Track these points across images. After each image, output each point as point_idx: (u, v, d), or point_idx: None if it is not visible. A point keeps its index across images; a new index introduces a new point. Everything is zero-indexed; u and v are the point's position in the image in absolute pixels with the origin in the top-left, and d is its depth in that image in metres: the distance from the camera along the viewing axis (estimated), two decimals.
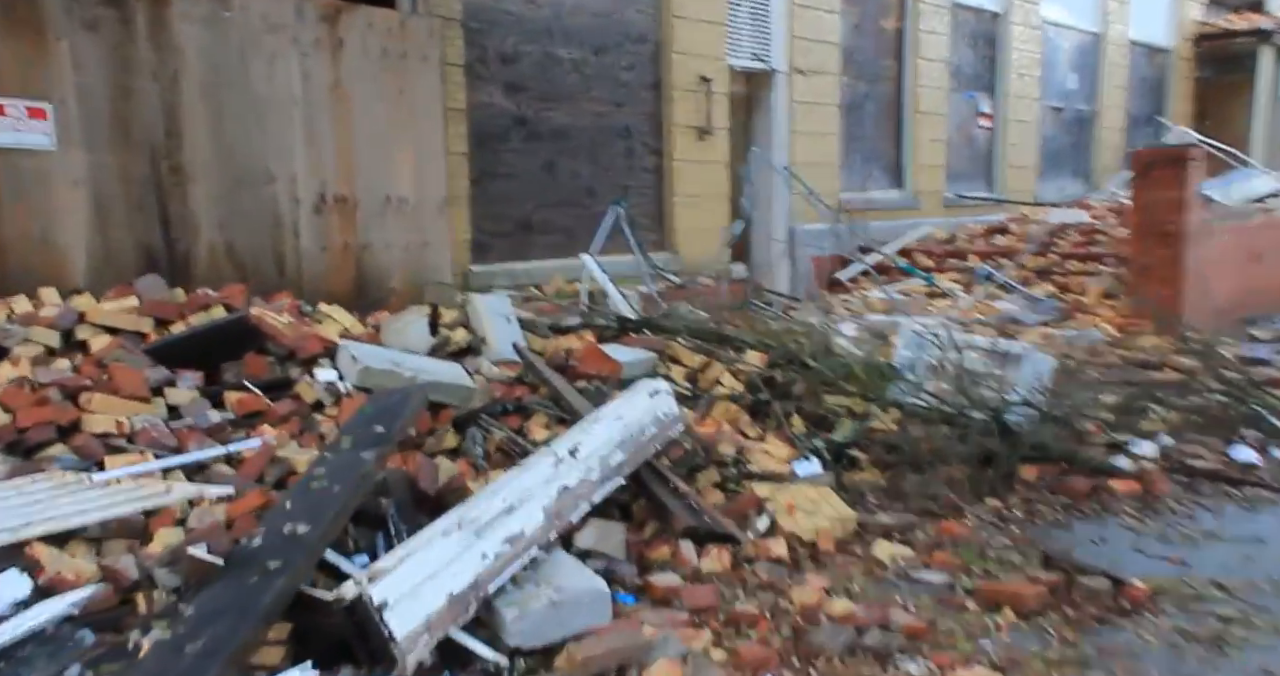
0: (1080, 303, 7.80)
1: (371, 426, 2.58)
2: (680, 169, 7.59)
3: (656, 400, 3.25)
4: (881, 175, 10.21)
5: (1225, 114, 15.85)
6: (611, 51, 7.02)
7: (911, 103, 10.26)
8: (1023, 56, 11.72)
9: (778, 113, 8.70)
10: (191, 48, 3.85)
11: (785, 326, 5.49)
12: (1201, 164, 7.20)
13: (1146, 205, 7.20)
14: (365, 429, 2.58)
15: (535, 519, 2.45)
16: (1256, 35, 14.77)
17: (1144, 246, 7.25)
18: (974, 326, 7.31)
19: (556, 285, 6.25)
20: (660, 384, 3.34)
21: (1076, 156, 13.20)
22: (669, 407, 3.27)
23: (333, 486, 2.33)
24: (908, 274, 8.51)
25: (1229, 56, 15.35)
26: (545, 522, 2.48)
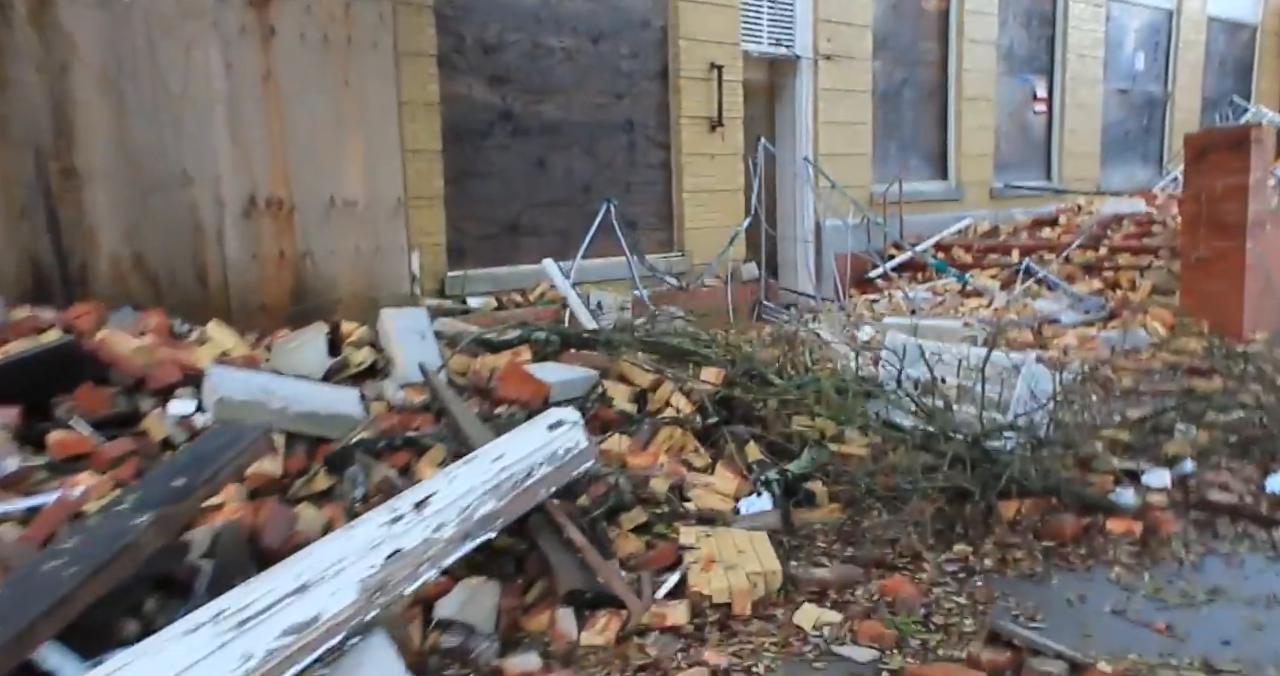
0: (1129, 300, 7.08)
1: (173, 479, 2.28)
2: (689, 163, 7.18)
3: (558, 434, 2.90)
4: (922, 165, 9.56)
5: None
6: (610, 38, 6.65)
7: (956, 88, 9.57)
8: (1084, 36, 10.84)
9: (802, 102, 8.18)
10: (85, 35, 3.61)
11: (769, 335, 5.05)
12: (1268, 146, 6.41)
13: (1200, 193, 6.45)
14: (162, 483, 2.27)
15: (342, 598, 2.04)
16: None
17: (1198, 238, 6.51)
18: (1005, 328, 6.71)
19: (541, 290, 5.94)
20: (567, 413, 2.98)
21: (1146, 141, 12.19)
22: (574, 441, 2.91)
23: (69, 567, 1.92)
24: (940, 271, 7.90)
25: None
26: (359, 600, 2.06)
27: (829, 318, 6.90)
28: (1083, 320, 6.94)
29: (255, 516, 2.73)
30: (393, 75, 4.62)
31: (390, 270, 4.75)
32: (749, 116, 8.08)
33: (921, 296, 7.54)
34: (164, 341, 3.34)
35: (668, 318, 5.72)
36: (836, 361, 5.23)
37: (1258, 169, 6.29)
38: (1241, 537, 3.31)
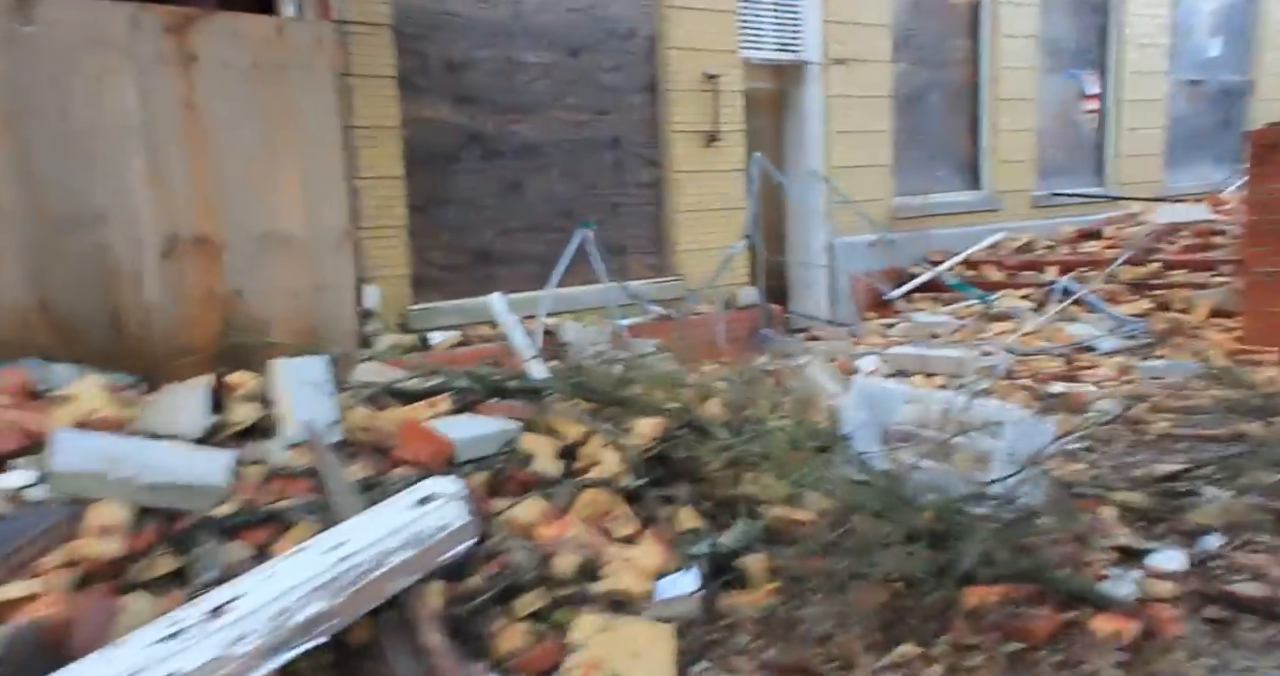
0: (1181, 323, 6.32)
1: None
2: (683, 181, 6.74)
3: (428, 510, 2.51)
4: (951, 175, 8.88)
5: None
6: (592, 51, 6.26)
7: (990, 88, 8.87)
8: (1145, 23, 9.96)
9: (811, 111, 7.65)
10: None
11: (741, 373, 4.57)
12: None
13: (1269, 198, 5.67)
14: None
15: None
16: None
17: (1263, 251, 5.73)
18: (1029, 359, 6.05)
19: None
20: (444, 484, 2.59)
21: (1223, 138, 11.14)
22: (449, 518, 2.52)
23: None
24: (962, 292, 7.25)
25: None
26: None
27: (832, 347, 6.35)
28: (1124, 347, 6.22)
29: (73, 610, 2.43)
30: (333, 100, 4.33)
31: (335, 308, 4.45)
32: (754, 128, 7.59)
33: (940, 321, 6.91)
34: (19, 402, 3.09)
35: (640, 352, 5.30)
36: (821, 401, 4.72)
37: None
38: (1270, 647, 2.68)
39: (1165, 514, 3.41)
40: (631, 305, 6.03)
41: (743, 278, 6.85)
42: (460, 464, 3.20)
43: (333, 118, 4.32)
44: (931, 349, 5.96)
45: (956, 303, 7.51)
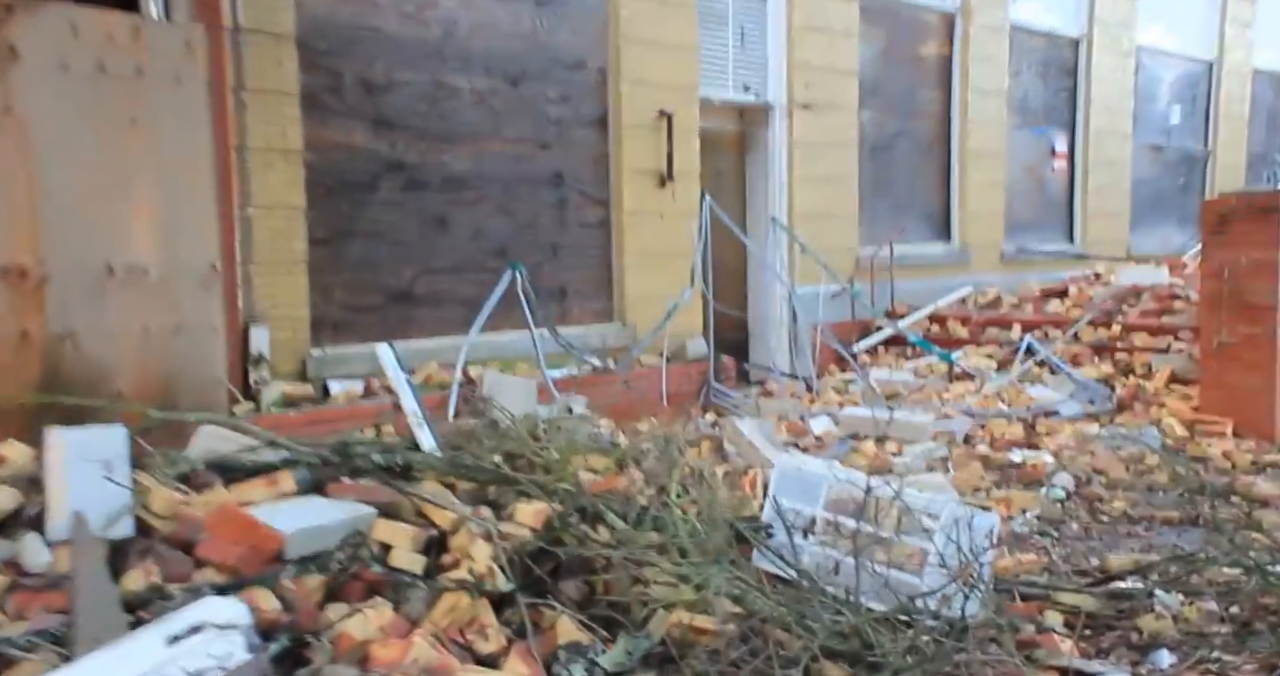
0: (1141, 389, 5.96)
1: None
2: (633, 222, 6.33)
3: (189, 647, 1.94)
4: (921, 226, 8.59)
5: None
6: (535, 80, 5.89)
7: (960, 141, 8.64)
8: (1110, 87, 9.86)
9: (775, 155, 7.33)
10: None
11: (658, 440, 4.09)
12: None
13: (1223, 268, 5.38)
14: None
15: None
16: None
17: (1220, 321, 5.42)
18: (989, 422, 5.64)
19: (428, 373, 5.08)
20: (221, 610, 2.02)
21: (1183, 202, 11.04)
22: (222, 656, 1.96)
23: None
24: (923, 349, 6.86)
25: None
26: None
27: (783, 406, 5.90)
28: (1085, 413, 5.84)
29: None
30: (207, 115, 3.87)
31: (199, 353, 3.92)
32: (716, 170, 7.25)
33: (900, 379, 6.50)
34: None
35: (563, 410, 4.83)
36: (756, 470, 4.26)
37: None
38: None
39: (1115, 620, 2.96)
40: (567, 355, 5.55)
41: (696, 327, 6.40)
42: (291, 562, 2.65)
43: (204, 135, 3.84)
44: (887, 411, 5.53)
45: (920, 358, 7.13)
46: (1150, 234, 10.59)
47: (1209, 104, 11.22)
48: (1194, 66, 11.01)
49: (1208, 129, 11.28)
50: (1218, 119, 11.24)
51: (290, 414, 4.56)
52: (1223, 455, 5.04)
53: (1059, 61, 9.57)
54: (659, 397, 5.71)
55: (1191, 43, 10.86)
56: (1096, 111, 9.75)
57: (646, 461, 3.60)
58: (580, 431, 4.33)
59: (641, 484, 3.36)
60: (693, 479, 3.65)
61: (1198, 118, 11.19)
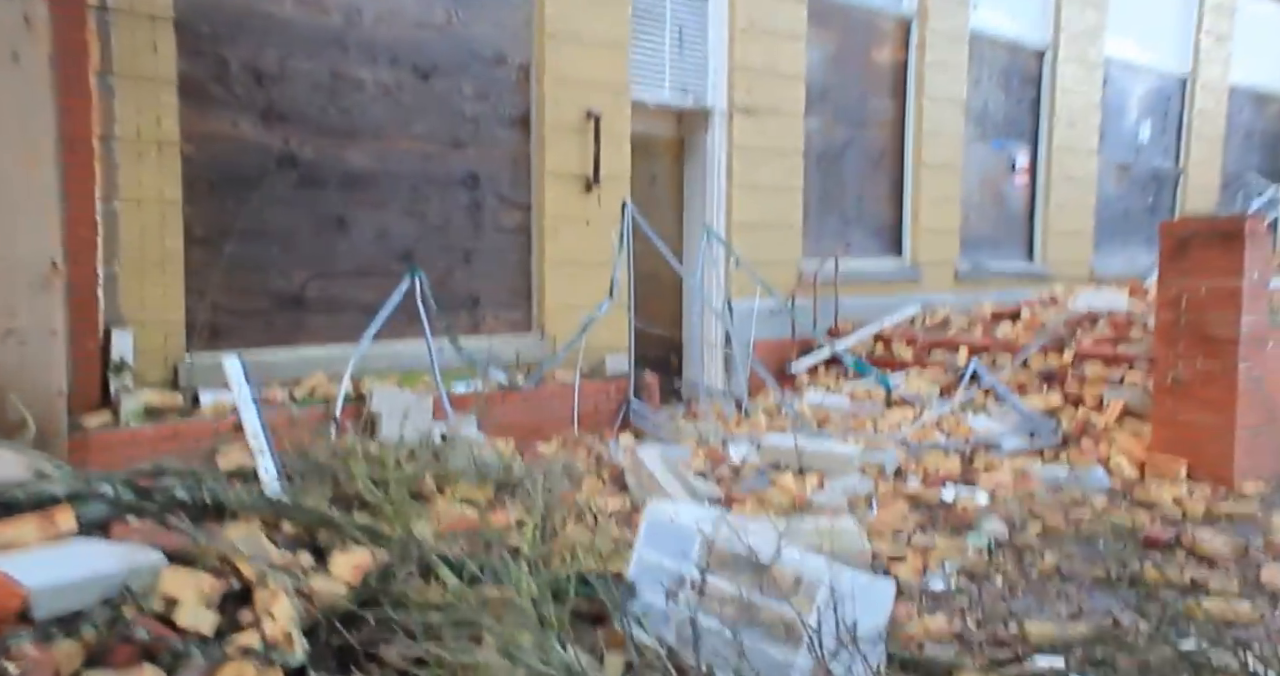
0: (1090, 423, 5.62)
1: None
2: (555, 228, 5.94)
3: None
4: (870, 240, 8.25)
5: None
6: (449, 74, 5.49)
7: (915, 153, 8.31)
8: (1075, 100, 9.57)
9: (714, 161, 6.96)
10: None
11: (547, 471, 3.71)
12: (1265, 240, 5.03)
13: (1180, 297, 5.06)
14: None
15: None
16: None
17: (1176, 354, 5.10)
18: (924, 454, 5.29)
19: (313, 385, 4.66)
20: None
21: (1152, 222, 10.76)
22: None
23: None
24: (860, 373, 6.50)
25: None
26: None
27: (705, 430, 5.52)
28: (1029, 448, 5.50)
29: None
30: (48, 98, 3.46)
31: (32, 361, 3.50)
32: (651, 176, 6.89)
33: (835, 403, 6.14)
34: None
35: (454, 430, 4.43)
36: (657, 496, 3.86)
37: (1254, 269, 4.90)
38: None
39: None
40: (474, 368, 5.14)
41: (619, 341, 6.01)
42: (40, 623, 2.23)
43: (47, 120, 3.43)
44: (813, 440, 5.16)
45: (860, 381, 6.77)
46: (1115, 255, 10.31)
47: (1181, 121, 10.97)
48: (1166, 81, 10.75)
49: (1179, 147, 11.02)
50: (1190, 137, 10.98)
51: (146, 428, 4.13)
52: (1173, 502, 4.71)
53: (1021, 71, 9.27)
54: (571, 417, 5.31)
55: (1164, 56, 10.60)
56: (1061, 125, 9.45)
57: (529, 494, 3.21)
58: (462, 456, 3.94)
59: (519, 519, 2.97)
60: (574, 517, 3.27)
61: (1169, 135, 10.93)
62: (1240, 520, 4.50)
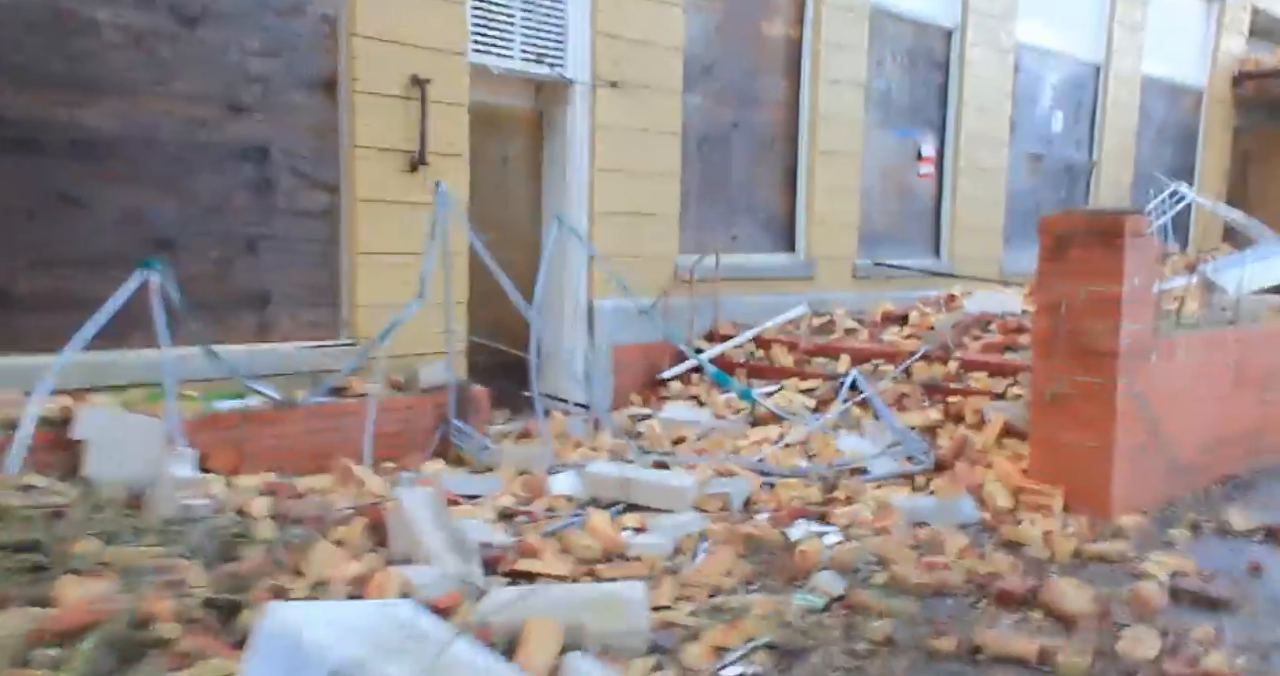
0: (969, 443, 5.01)
1: None
2: (371, 213, 5.07)
3: None
4: (760, 233, 7.56)
5: (1275, 173, 12.86)
6: (225, 24, 4.56)
7: (810, 138, 7.62)
8: (986, 86, 9.01)
9: (575, 140, 6.15)
10: None
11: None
12: (1150, 241, 4.45)
13: (1058, 302, 4.45)
14: None
15: None
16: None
17: (1052, 367, 4.50)
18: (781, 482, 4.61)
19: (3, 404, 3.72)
20: None
21: None
22: None
23: None
24: (721, 384, 5.80)
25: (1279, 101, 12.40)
26: None
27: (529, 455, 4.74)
28: (900, 472, 4.86)
29: None
30: None
31: None
32: (502, 156, 6.07)
33: (693, 419, 5.43)
34: None
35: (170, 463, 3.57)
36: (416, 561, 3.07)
37: (1137, 273, 4.30)
38: None
39: None
40: (229, 381, 4.26)
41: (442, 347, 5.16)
42: None
43: None
44: (642, 470, 4.43)
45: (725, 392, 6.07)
46: (1027, 252, 9.64)
47: (1095, 111, 10.53)
48: (1079, 69, 10.29)
49: (1093, 138, 10.59)
50: (1104, 128, 10.56)
51: None
52: (1043, 539, 4.10)
53: (928, 54, 8.65)
54: (362, 441, 4.48)
55: (1077, 43, 10.11)
56: (970, 112, 8.88)
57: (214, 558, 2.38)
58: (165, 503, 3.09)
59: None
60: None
61: (1082, 125, 10.49)
62: (1113, 561, 3.93)
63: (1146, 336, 4.43)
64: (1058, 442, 4.52)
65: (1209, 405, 4.88)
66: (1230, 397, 5.00)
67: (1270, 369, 5.32)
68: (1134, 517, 4.39)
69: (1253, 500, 4.84)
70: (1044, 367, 4.56)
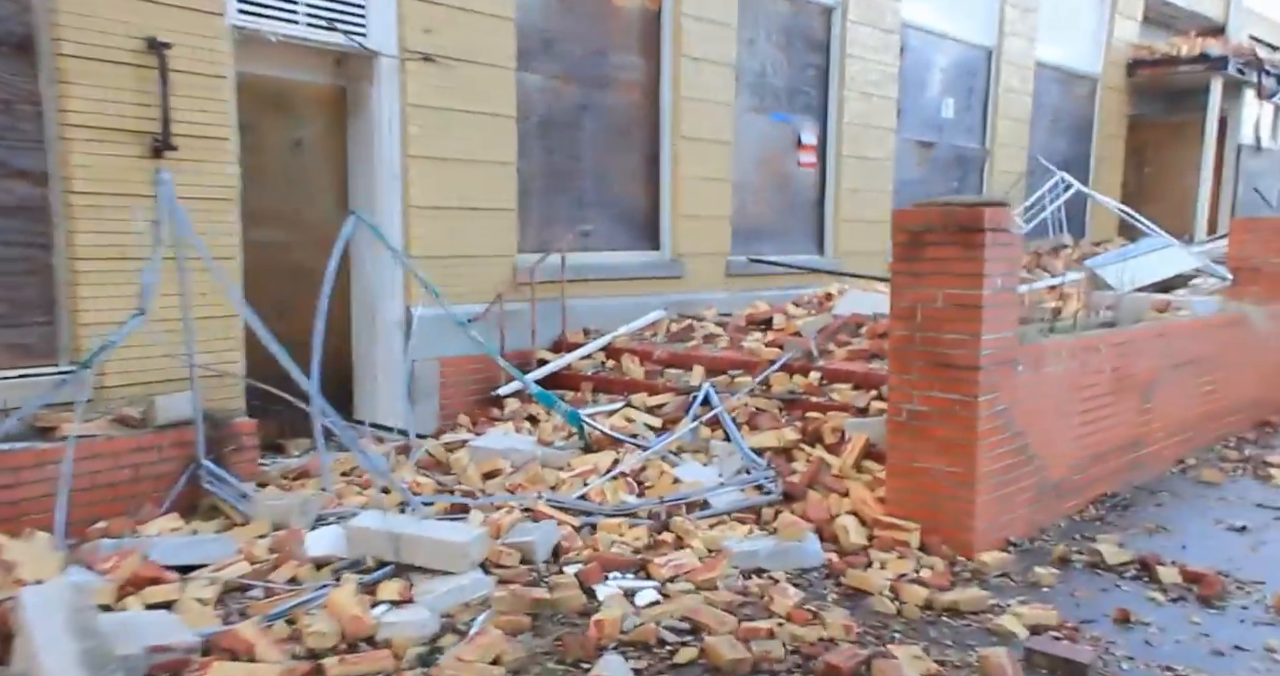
0: (825, 467, 4.32)
1: None
2: (94, 209, 4.11)
3: None
4: (618, 229, 6.80)
5: (1171, 162, 12.74)
6: None
7: (673, 123, 6.89)
8: (870, 69, 8.43)
9: (383, 123, 5.27)
10: None
11: None
12: (1016, 237, 3.83)
13: (914, 310, 3.80)
14: None
15: None
16: (1204, 62, 11.63)
17: (907, 384, 3.86)
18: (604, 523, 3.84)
19: None
20: None
21: None
22: None
23: None
24: (548, 406, 5.00)
25: (1175, 89, 12.24)
26: None
27: (290, 506, 3.86)
28: (742, 505, 4.14)
29: None
30: None
31: None
32: (294, 141, 5.17)
33: (514, 447, 4.61)
34: None
35: None
36: None
37: (999, 273, 3.67)
38: None
39: None
40: None
41: (188, 373, 4.23)
42: None
43: None
44: (416, 522, 3.61)
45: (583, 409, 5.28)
46: None
47: (988, 98, 10.09)
48: (971, 53, 9.82)
49: (985, 127, 10.16)
50: (997, 116, 10.13)
51: None
52: (891, 590, 3.44)
53: (806, 33, 8.02)
54: (87, 490, 3.53)
55: (968, 25, 9.64)
56: (853, 97, 8.29)
57: None
58: None
59: None
60: None
61: (974, 113, 10.04)
62: (968, 614, 3.28)
63: (1011, 345, 3.81)
64: (916, 469, 3.87)
65: (1084, 418, 4.31)
66: (1108, 408, 4.44)
67: (1152, 373, 4.79)
68: (998, 555, 3.76)
69: (1131, 522, 4.30)
70: (901, 383, 3.90)
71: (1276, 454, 5.48)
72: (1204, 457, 5.37)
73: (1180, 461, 5.25)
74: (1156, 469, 4.97)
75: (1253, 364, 5.91)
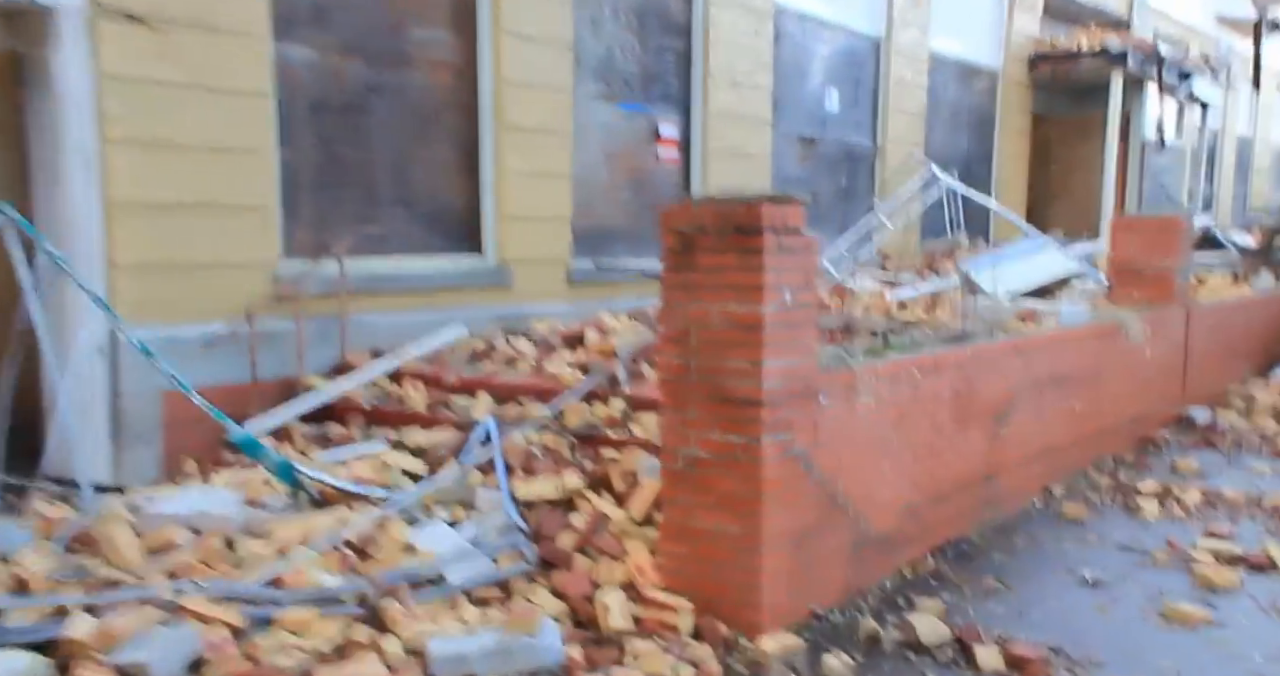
0: (604, 523, 3.36)
1: None
2: None
3: None
4: (425, 231, 5.80)
5: (1076, 159, 12.25)
6: None
7: (495, 109, 5.93)
8: (739, 56, 7.61)
9: (70, 98, 4.19)
10: None
11: None
12: (810, 240, 2.95)
13: (687, 332, 2.89)
14: None
15: None
16: (1104, 57, 11.14)
17: (681, 423, 2.95)
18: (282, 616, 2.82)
19: None
20: None
21: (846, 211, 9.11)
22: None
23: None
24: (254, 456, 3.94)
25: (1078, 85, 11.75)
26: None
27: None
28: (488, 579, 3.16)
29: None
30: None
31: None
32: None
33: (199, 511, 3.56)
34: None
35: None
36: None
37: (789, 285, 2.78)
38: None
39: None
40: None
41: None
42: None
43: None
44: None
45: (347, 447, 4.26)
46: None
47: (877, 91, 9.37)
48: (857, 42, 9.09)
49: (876, 121, 9.43)
50: (888, 110, 9.42)
51: None
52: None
53: (662, 13, 7.15)
54: None
55: (852, 12, 8.91)
56: (720, 86, 7.45)
57: None
58: None
59: None
60: None
61: (863, 107, 9.31)
62: None
63: (810, 373, 2.91)
64: (694, 530, 2.95)
65: (917, 454, 3.44)
66: (949, 439, 3.58)
67: (1007, 395, 3.95)
68: (786, 640, 2.84)
69: (971, 576, 3.44)
70: (676, 423, 2.99)
71: (1150, 479, 4.72)
72: (1074, 486, 4.59)
73: (1047, 491, 4.44)
74: (1016, 503, 4.15)
75: (1132, 377, 5.16)
